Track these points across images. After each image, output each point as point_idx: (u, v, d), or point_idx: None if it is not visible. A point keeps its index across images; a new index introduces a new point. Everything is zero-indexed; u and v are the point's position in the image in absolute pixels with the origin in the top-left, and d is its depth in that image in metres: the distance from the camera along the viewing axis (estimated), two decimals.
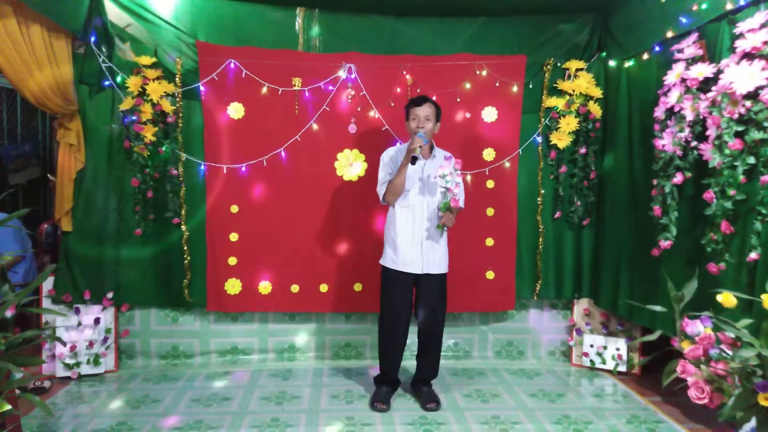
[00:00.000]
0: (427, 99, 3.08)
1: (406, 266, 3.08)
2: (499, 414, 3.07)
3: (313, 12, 3.72)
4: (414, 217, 3.08)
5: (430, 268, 3.09)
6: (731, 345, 1.95)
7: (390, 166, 3.14)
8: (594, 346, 3.79)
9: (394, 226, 3.11)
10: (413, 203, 3.08)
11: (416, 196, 3.09)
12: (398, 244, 3.08)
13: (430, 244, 3.08)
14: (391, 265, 3.12)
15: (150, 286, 3.71)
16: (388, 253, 3.15)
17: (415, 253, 3.07)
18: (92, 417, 2.98)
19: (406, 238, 3.08)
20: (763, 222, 2.42)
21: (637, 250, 3.36)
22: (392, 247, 3.12)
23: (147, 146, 3.50)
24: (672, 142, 2.88)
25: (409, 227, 3.08)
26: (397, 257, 3.09)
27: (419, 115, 3.03)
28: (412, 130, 3.05)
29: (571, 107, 3.69)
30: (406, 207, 3.09)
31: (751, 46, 2.41)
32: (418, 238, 3.07)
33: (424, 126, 3.01)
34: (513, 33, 3.79)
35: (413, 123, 3.05)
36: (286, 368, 3.78)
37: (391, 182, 3.07)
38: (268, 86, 3.64)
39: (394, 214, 3.13)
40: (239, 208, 3.71)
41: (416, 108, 3.05)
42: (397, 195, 3.07)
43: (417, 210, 3.08)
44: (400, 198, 3.09)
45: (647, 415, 3.07)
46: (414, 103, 3.08)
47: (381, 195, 3.15)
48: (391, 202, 3.12)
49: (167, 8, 3.56)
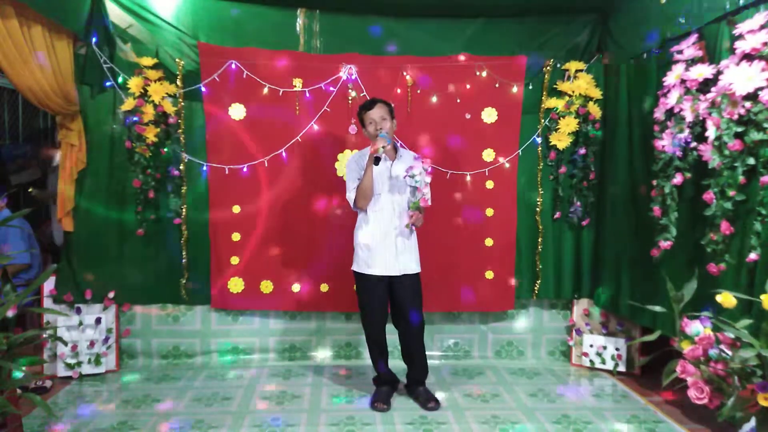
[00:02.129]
0: (377, 101, 3.07)
1: (380, 270, 3.06)
2: (498, 414, 3.08)
3: (313, 13, 3.73)
4: (387, 220, 3.07)
5: (406, 268, 3.08)
6: (731, 345, 1.95)
7: (357, 171, 3.10)
8: (594, 346, 3.79)
9: (368, 230, 3.09)
10: (385, 206, 3.07)
11: (387, 199, 3.07)
12: (372, 247, 3.06)
13: (404, 245, 3.08)
14: (365, 269, 3.09)
15: (151, 286, 3.73)
16: (360, 258, 3.12)
17: (390, 255, 3.05)
18: (93, 417, 2.99)
19: (380, 241, 3.06)
20: (762, 222, 2.43)
21: (637, 251, 3.36)
22: (366, 252, 3.09)
23: (148, 147, 3.51)
24: (671, 142, 2.89)
25: (383, 230, 3.06)
26: (371, 261, 3.07)
27: (375, 118, 3.02)
28: (372, 134, 3.03)
29: (570, 108, 3.70)
30: (378, 211, 3.08)
31: (751, 47, 2.41)
32: (392, 240, 3.06)
33: (383, 127, 3.00)
34: (513, 34, 3.80)
35: (371, 127, 3.03)
36: (287, 368, 3.79)
37: (359, 186, 3.04)
38: (269, 87, 3.65)
39: (366, 218, 3.11)
40: (241, 209, 3.73)
41: (369, 112, 3.03)
42: (368, 199, 3.05)
43: (389, 212, 3.07)
44: (371, 203, 3.08)
45: (647, 415, 3.07)
46: (365, 108, 3.06)
47: (351, 201, 3.12)
48: (363, 207, 3.10)
49: (168, 9, 3.57)
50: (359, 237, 3.14)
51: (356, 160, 3.15)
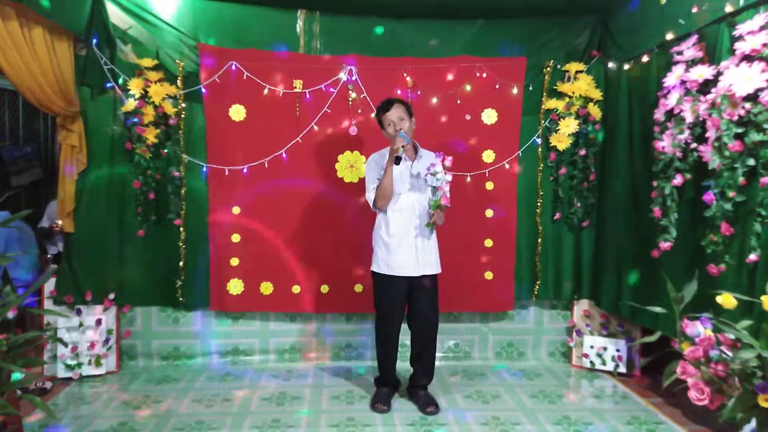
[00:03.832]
0: (393, 101, 3.05)
1: (401, 270, 3.04)
2: (499, 415, 3.08)
3: (314, 14, 3.74)
4: (407, 220, 3.05)
5: (426, 269, 3.07)
6: (731, 346, 1.95)
7: (376, 171, 3.08)
8: (594, 347, 3.79)
9: (387, 230, 3.06)
10: (405, 206, 3.05)
11: (408, 199, 3.06)
12: (393, 248, 3.04)
13: (424, 245, 3.06)
14: (386, 270, 3.07)
15: (152, 287, 3.73)
16: (380, 258, 3.09)
17: (410, 256, 3.04)
18: (93, 418, 2.99)
19: (401, 242, 3.04)
20: (762, 223, 2.43)
21: (637, 252, 3.36)
22: (385, 252, 3.07)
23: (149, 148, 3.51)
24: (672, 143, 2.89)
25: (403, 230, 3.04)
26: (391, 262, 3.05)
27: (393, 119, 3.00)
28: (391, 135, 3.02)
29: (570, 109, 3.70)
30: (398, 211, 3.06)
31: (751, 48, 2.41)
32: (412, 240, 3.05)
33: (402, 127, 2.99)
34: (512, 35, 3.80)
35: (390, 128, 3.01)
36: (287, 369, 3.79)
37: (380, 186, 3.02)
38: (269, 88, 3.65)
39: (386, 219, 3.08)
40: (241, 210, 3.73)
41: (387, 113, 3.01)
42: (387, 199, 3.03)
43: (409, 212, 3.05)
44: (391, 203, 3.06)
45: (647, 417, 3.07)
46: (383, 109, 3.04)
47: (371, 201, 3.09)
48: (382, 208, 3.07)
49: (169, 10, 3.58)
50: (378, 237, 3.12)
51: (376, 160, 3.12)
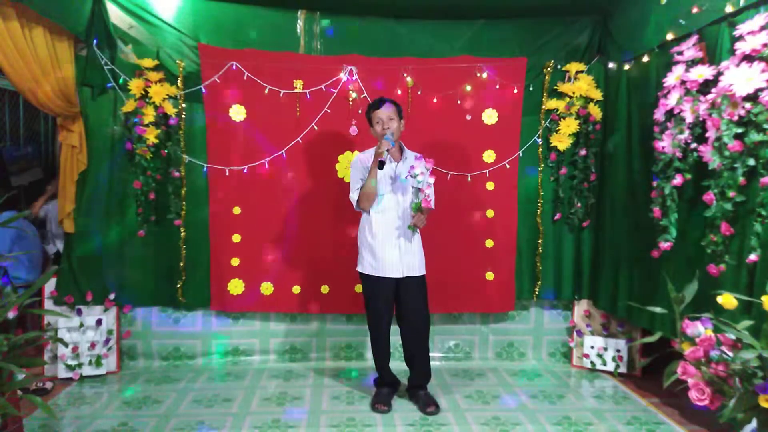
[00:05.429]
0: (385, 100, 3.05)
1: (385, 271, 3.05)
2: (499, 415, 3.08)
3: (314, 14, 3.74)
4: (390, 221, 3.06)
5: (410, 271, 3.07)
6: (731, 346, 1.95)
7: (361, 171, 3.09)
8: (594, 348, 3.79)
9: (371, 231, 3.07)
10: (388, 207, 3.06)
11: (391, 200, 3.07)
12: (376, 249, 3.06)
13: (407, 247, 3.07)
14: (371, 271, 3.08)
15: (152, 288, 3.73)
16: (365, 259, 3.11)
17: (394, 256, 3.04)
18: (94, 418, 2.99)
19: (384, 243, 3.05)
20: (762, 223, 2.43)
21: (637, 252, 3.36)
22: (370, 253, 3.08)
23: (149, 148, 3.51)
24: (671, 143, 2.89)
25: (386, 231, 3.06)
26: (376, 263, 3.06)
27: (382, 118, 3.00)
28: (378, 134, 3.02)
29: (571, 109, 3.70)
30: (381, 212, 3.07)
31: (751, 48, 2.41)
32: (395, 241, 3.05)
33: (389, 127, 2.99)
34: (513, 35, 3.80)
35: (378, 126, 3.02)
36: (288, 369, 3.79)
37: (362, 187, 3.04)
38: (270, 88, 3.65)
39: (369, 219, 3.10)
40: (241, 210, 3.73)
41: (378, 111, 3.02)
42: (371, 201, 3.04)
43: (392, 213, 3.06)
44: (374, 203, 3.07)
45: (648, 417, 3.07)
46: (374, 106, 3.04)
47: (354, 201, 3.11)
48: (366, 209, 3.09)
49: (169, 10, 3.58)
50: (363, 238, 3.14)
51: (361, 159, 3.13)
